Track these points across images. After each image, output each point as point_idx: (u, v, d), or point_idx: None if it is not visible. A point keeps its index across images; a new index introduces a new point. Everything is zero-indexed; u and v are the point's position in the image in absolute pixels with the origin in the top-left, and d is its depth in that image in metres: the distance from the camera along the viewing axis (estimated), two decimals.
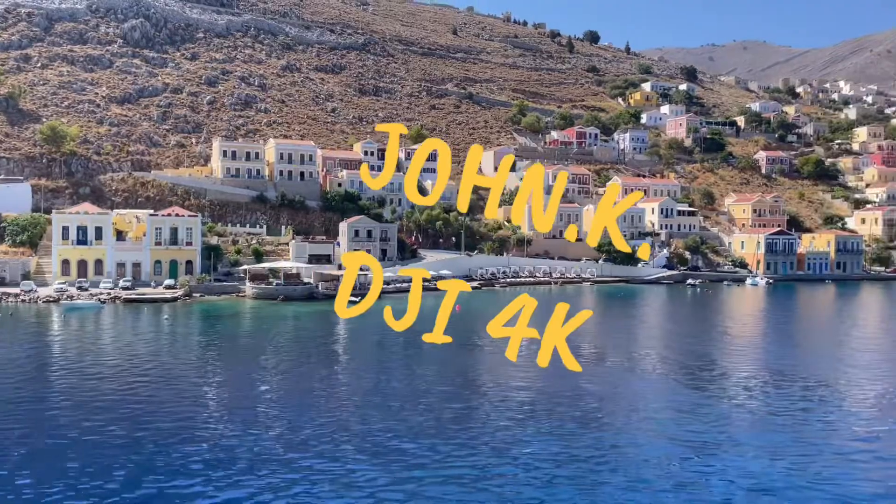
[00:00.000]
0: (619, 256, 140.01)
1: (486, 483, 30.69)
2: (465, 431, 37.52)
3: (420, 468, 32.13)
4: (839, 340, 73.34)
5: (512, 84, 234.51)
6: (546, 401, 44.33)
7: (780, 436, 37.56)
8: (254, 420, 39.17)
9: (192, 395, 44.45)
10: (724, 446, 35.94)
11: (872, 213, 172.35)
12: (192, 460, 32.67)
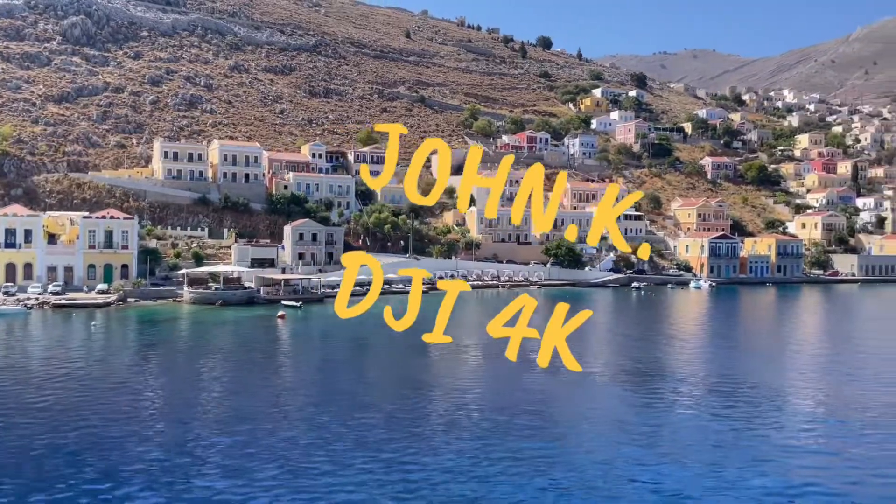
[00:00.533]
0: (567, 260, 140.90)
1: (412, 486, 29.89)
2: (399, 437, 36.64)
3: (354, 475, 31.16)
4: (780, 343, 74.64)
5: (464, 88, 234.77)
6: (488, 404, 43.73)
7: (720, 441, 37.56)
8: (174, 429, 37.63)
9: (108, 404, 42.60)
10: (662, 451, 35.77)
11: (812, 218, 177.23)
12: (101, 471, 31.08)
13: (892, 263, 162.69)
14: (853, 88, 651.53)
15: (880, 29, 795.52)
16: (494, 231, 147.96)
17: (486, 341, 70.04)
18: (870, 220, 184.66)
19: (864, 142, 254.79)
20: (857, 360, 62.05)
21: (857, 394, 48.57)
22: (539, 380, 51.59)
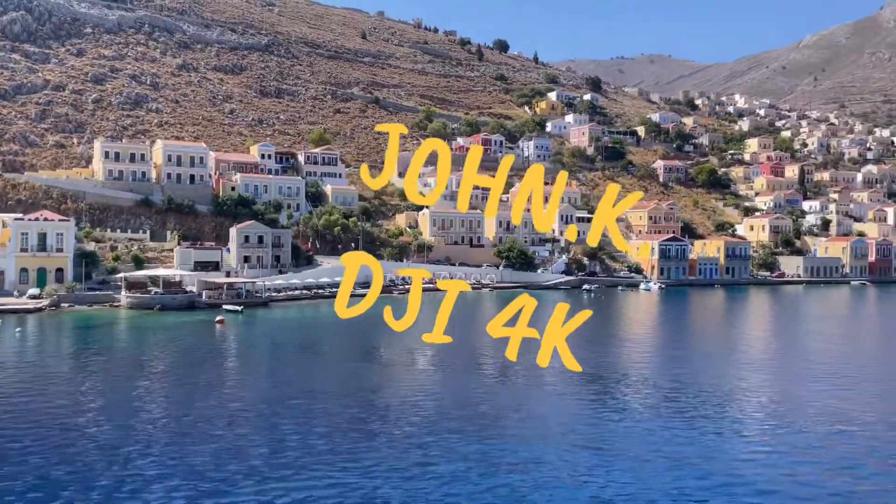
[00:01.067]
0: (519, 262, 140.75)
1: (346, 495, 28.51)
2: (336, 444, 35.17)
3: (294, 483, 29.60)
4: (725, 345, 75.00)
5: (420, 90, 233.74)
6: (433, 409, 42.51)
7: (668, 445, 36.99)
8: (90, 438, 35.52)
9: (21, 414, 40.20)
10: (610, 455, 35.01)
11: (760, 221, 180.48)
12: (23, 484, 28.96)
13: (835, 265, 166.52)
14: (803, 94, 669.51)
15: (829, 36, 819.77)
16: (447, 233, 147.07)
17: (439, 346, 69.03)
18: (815, 222, 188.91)
19: (811, 146, 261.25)
20: (804, 361, 62.57)
21: (803, 395, 48.82)
22: (487, 384, 50.64)
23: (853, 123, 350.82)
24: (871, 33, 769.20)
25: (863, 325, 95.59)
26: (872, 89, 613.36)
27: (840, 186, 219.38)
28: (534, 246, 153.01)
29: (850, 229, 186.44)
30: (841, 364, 61.31)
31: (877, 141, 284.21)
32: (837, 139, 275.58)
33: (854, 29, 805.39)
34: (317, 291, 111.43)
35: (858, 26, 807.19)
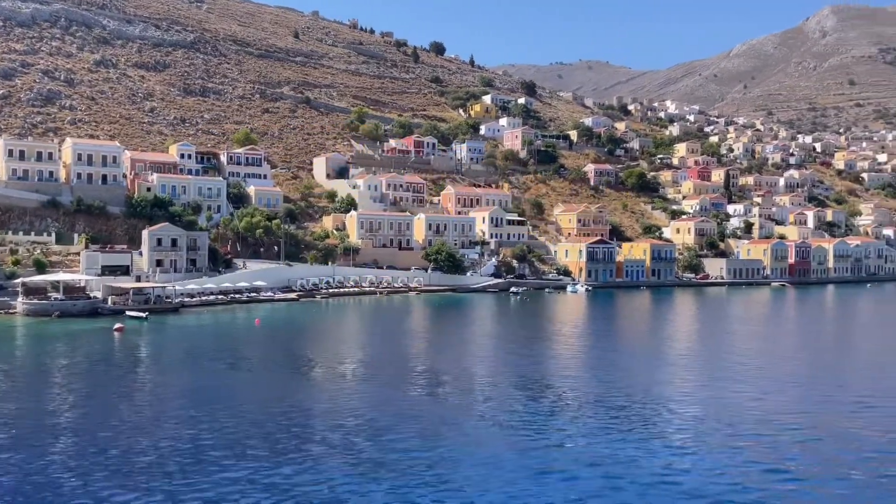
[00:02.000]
0: (447, 265, 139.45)
1: None
2: (222, 465, 32.55)
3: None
4: (651, 347, 74.90)
5: (353, 91, 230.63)
6: (331, 422, 40.20)
7: (593, 448, 35.81)
8: None
9: None
10: (537, 460, 33.45)
11: (686, 224, 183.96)
12: None
13: (756, 267, 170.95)
14: (733, 101, 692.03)
15: (758, 45, 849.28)
16: (375, 236, 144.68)
17: (362, 353, 66.94)
18: (739, 225, 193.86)
19: (736, 151, 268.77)
20: (726, 362, 62.75)
21: (726, 395, 48.73)
22: (409, 392, 48.69)
23: (778, 130, 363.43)
24: (798, 43, 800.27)
25: (782, 327, 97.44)
26: (798, 97, 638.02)
27: (763, 190, 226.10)
28: (464, 249, 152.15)
29: (771, 232, 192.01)
30: (763, 364, 61.91)
31: (799, 147, 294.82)
32: (762, 145, 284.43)
33: (781, 39, 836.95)
34: (234, 297, 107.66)
35: (785, 36, 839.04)
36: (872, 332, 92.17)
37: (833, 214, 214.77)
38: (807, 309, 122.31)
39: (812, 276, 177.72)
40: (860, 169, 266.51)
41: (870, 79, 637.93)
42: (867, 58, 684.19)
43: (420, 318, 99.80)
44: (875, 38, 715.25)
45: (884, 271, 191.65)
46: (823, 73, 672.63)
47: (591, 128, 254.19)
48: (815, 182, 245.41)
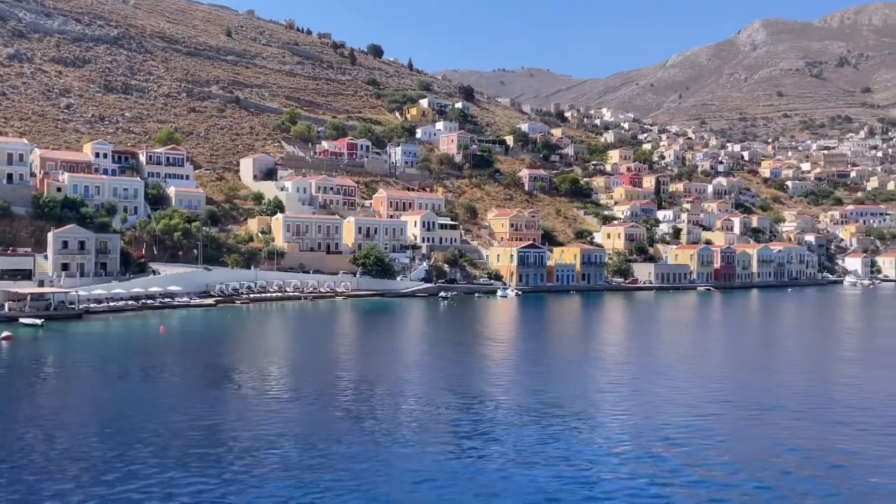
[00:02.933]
0: (376, 270, 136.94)
1: None
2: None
3: None
4: (578, 351, 74.02)
5: (286, 91, 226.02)
6: (221, 436, 37.32)
7: (520, 455, 33.94)
8: None
9: None
10: (469, 466, 31.36)
11: (616, 229, 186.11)
12: None
13: (683, 271, 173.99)
14: (668, 110, 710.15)
15: (693, 57, 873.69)
16: (302, 239, 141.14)
17: (280, 361, 63.89)
18: (668, 230, 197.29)
19: (668, 158, 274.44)
20: (658, 367, 62.37)
21: (656, 401, 48.28)
22: (330, 403, 46.12)
23: (709, 138, 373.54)
24: (730, 56, 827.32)
25: (708, 331, 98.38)
26: (730, 107, 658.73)
27: (692, 197, 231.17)
28: (395, 253, 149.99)
29: (699, 237, 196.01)
30: (690, 368, 62.15)
31: (728, 155, 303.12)
32: (693, 153, 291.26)
33: (715, 51, 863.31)
34: (145, 302, 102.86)
35: (718, 48, 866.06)
36: (792, 336, 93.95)
37: (758, 221, 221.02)
38: (729, 313, 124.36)
39: (737, 280, 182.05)
40: (785, 177, 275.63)
41: (796, 91, 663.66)
42: (794, 71, 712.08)
43: (342, 324, 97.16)
44: (802, 52, 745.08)
45: (805, 276, 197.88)
46: (753, 85, 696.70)
47: (528, 133, 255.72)
48: (742, 189, 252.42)
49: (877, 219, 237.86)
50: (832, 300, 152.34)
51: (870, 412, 45.70)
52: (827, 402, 48.96)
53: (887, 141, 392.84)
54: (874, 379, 58.53)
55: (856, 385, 55.24)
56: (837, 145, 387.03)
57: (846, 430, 41.43)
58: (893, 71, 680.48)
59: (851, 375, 59.96)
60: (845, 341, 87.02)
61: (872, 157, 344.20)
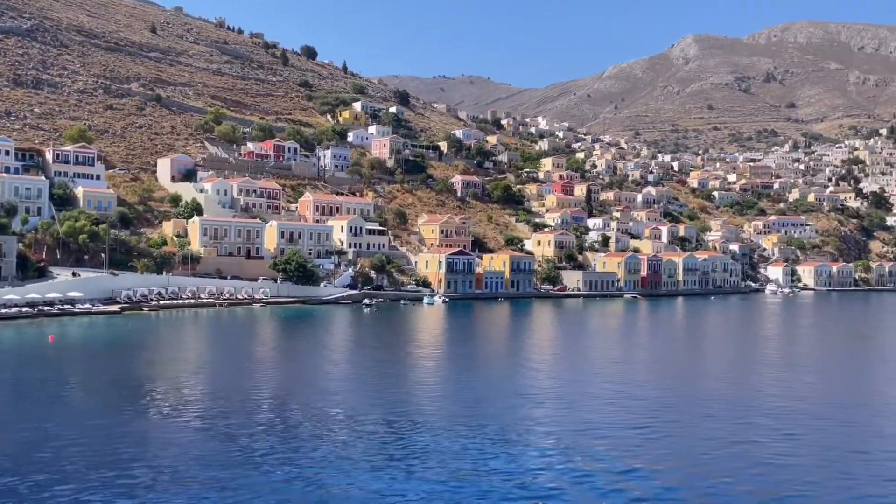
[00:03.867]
0: (299, 276, 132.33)
1: None
2: None
3: None
4: (505, 366, 71.57)
5: (212, 90, 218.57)
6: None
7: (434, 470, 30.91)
8: None
9: None
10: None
11: (546, 236, 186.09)
12: None
13: (611, 279, 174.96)
14: (604, 121, 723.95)
15: (628, 69, 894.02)
16: (221, 244, 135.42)
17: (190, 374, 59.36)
18: (597, 238, 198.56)
19: (600, 167, 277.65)
20: (584, 377, 60.67)
21: (583, 412, 47.38)
22: (242, 418, 42.06)
23: (640, 148, 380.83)
24: (664, 69, 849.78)
25: (634, 339, 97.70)
26: (663, 119, 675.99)
27: (622, 206, 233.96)
28: (319, 258, 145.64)
29: (627, 245, 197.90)
30: (617, 377, 61.36)
31: (659, 165, 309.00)
32: (624, 162, 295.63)
33: (649, 64, 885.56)
34: (42, 309, 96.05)
35: (653, 61, 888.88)
36: (714, 344, 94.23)
37: (685, 230, 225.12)
38: (654, 322, 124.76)
39: (663, 288, 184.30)
40: (712, 187, 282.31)
41: (726, 104, 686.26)
42: (724, 85, 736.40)
43: (253, 333, 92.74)
44: (731, 67, 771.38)
45: (728, 284, 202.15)
46: (685, 98, 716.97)
47: (462, 140, 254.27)
48: (671, 199, 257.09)
49: (797, 229, 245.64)
50: (753, 308, 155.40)
51: (790, 420, 46.73)
52: (748, 411, 48.84)
53: (809, 154, 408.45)
54: (801, 385, 58.91)
55: (778, 393, 55.51)
56: (763, 158, 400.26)
57: (766, 437, 41.80)
58: (817, 87, 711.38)
59: (772, 383, 60.09)
60: (765, 349, 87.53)
61: (795, 170, 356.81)
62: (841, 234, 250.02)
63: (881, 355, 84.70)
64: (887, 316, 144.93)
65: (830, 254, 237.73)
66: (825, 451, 39.84)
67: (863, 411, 50.62)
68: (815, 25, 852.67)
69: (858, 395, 55.99)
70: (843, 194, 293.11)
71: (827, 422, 46.62)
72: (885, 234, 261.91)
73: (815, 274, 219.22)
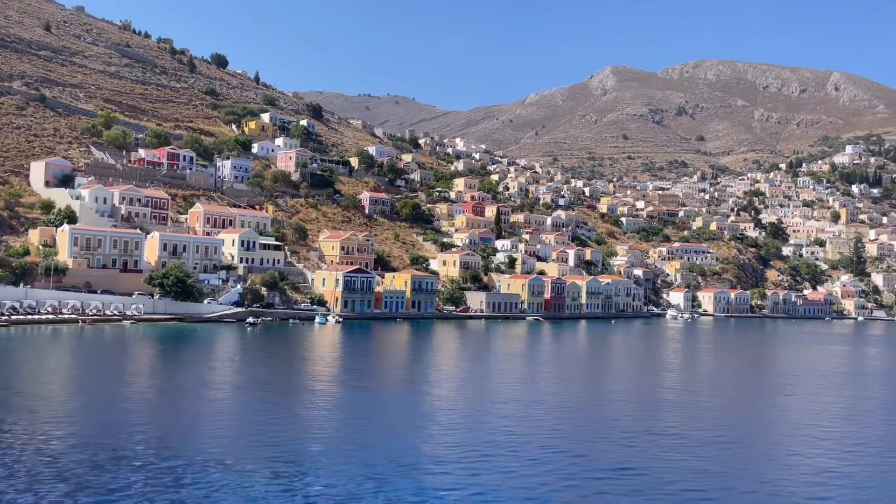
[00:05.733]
0: (178, 291, 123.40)
1: None
2: None
3: None
4: (396, 390, 65.91)
5: (106, 94, 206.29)
6: None
7: None
8: None
9: None
10: None
11: (452, 256, 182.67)
12: None
13: (514, 301, 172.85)
14: (525, 146, 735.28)
15: (549, 97, 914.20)
16: (94, 255, 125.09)
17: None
18: (504, 260, 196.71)
19: (512, 190, 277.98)
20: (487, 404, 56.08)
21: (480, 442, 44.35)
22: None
23: (555, 173, 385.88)
24: (583, 98, 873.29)
25: (534, 364, 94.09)
26: (580, 146, 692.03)
27: (532, 228, 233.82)
28: (206, 273, 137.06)
29: (533, 268, 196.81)
30: (521, 405, 58.42)
31: (571, 190, 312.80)
32: (537, 186, 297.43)
33: (569, 92, 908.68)
34: None
35: (573, 90, 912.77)
36: (608, 369, 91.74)
37: (592, 254, 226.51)
38: (556, 345, 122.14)
39: (566, 311, 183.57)
40: (620, 213, 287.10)
41: (640, 135, 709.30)
42: (639, 116, 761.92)
43: (105, 354, 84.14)
44: (646, 100, 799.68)
45: (631, 308, 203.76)
46: (602, 127, 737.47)
47: (375, 156, 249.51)
48: (580, 223, 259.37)
49: (699, 256, 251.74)
50: (653, 333, 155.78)
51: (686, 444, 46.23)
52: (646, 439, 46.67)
53: (714, 185, 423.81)
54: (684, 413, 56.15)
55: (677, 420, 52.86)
56: (671, 187, 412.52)
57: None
58: (724, 122, 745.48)
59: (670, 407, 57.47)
60: (663, 375, 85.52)
61: (701, 200, 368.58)
62: (740, 262, 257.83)
63: (767, 385, 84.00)
64: (778, 344, 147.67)
65: (729, 281, 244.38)
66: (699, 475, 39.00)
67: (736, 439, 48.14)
68: (725, 64, 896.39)
69: (739, 427, 53.79)
70: (743, 224, 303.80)
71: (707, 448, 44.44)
72: (781, 263, 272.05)
73: (715, 300, 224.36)
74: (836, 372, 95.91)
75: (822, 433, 52.25)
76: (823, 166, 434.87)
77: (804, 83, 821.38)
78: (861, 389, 79.79)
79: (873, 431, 54.34)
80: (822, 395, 72.67)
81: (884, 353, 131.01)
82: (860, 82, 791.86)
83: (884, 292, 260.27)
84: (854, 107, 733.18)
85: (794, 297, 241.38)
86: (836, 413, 62.44)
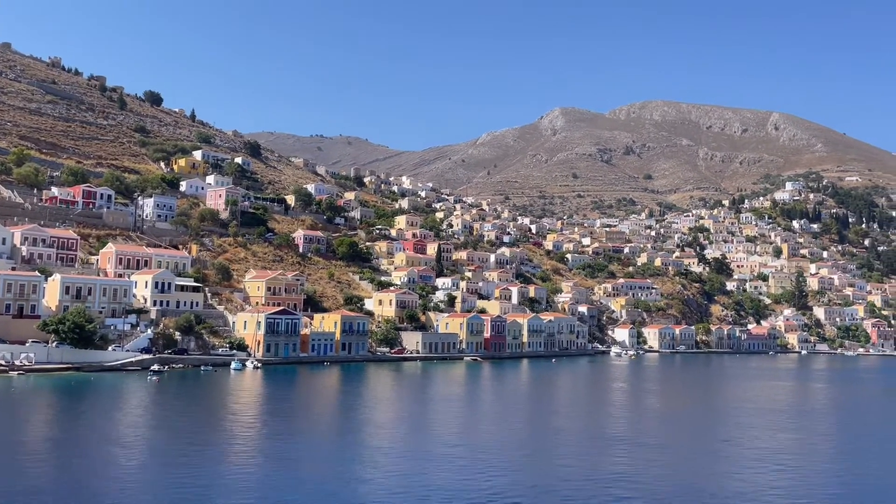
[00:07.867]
0: (75, 338, 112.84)
1: None
2: None
3: None
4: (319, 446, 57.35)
5: (23, 130, 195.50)
6: None
7: None
8: None
9: None
10: None
11: (388, 295, 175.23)
12: None
13: (452, 340, 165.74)
14: (477, 185, 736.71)
15: (501, 137, 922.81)
16: None
17: None
18: (443, 298, 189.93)
19: (456, 227, 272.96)
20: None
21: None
22: None
23: (501, 211, 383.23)
24: (533, 138, 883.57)
25: (469, 409, 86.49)
26: (531, 185, 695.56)
27: (475, 266, 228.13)
28: (114, 318, 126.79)
29: (473, 306, 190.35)
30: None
31: (517, 227, 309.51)
32: (482, 223, 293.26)
33: (520, 133, 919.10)
34: None
35: (524, 131, 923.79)
36: (546, 414, 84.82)
37: (536, 291, 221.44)
38: (488, 389, 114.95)
39: (506, 350, 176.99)
40: (566, 250, 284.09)
41: (589, 174, 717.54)
42: (588, 155, 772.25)
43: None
44: (595, 140, 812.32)
45: (575, 346, 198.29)
46: (552, 166, 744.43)
47: (312, 194, 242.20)
48: (525, 260, 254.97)
49: (644, 292, 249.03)
50: (597, 371, 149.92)
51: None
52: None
53: (661, 222, 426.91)
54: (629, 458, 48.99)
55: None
56: (618, 224, 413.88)
57: None
58: (671, 161, 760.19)
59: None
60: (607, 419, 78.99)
61: (647, 236, 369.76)
62: (684, 297, 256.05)
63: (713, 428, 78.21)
64: (721, 382, 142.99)
65: (674, 316, 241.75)
66: None
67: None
68: (669, 105, 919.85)
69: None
70: (687, 259, 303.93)
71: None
72: (725, 298, 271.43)
73: (660, 336, 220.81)
74: (782, 410, 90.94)
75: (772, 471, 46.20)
76: (765, 203, 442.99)
77: (745, 123, 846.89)
78: (806, 430, 74.59)
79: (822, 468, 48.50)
80: (763, 439, 67.00)
81: (827, 388, 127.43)
82: (798, 122, 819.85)
83: (826, 325, 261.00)
84: (793, 146, 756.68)
85: (739, 332, 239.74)
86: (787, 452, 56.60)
